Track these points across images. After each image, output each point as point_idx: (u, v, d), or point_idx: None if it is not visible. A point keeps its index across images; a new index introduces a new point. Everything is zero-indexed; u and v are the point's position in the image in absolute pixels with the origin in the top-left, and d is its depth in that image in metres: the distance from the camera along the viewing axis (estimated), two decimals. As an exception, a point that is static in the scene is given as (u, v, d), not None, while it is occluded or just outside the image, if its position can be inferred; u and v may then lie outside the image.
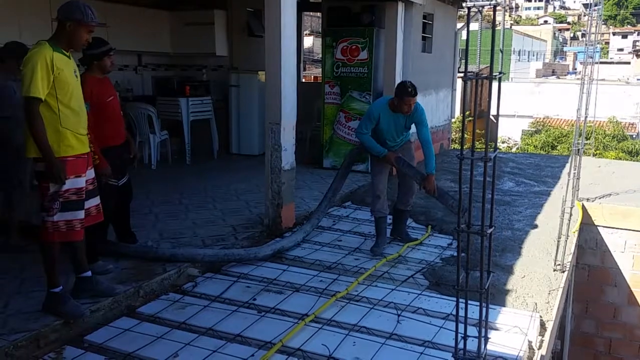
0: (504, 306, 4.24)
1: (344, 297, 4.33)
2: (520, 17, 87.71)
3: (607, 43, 70.24)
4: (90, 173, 3.86)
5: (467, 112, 18.17)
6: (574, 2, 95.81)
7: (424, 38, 10.06)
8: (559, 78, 38.18)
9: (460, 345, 2.78)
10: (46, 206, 3.60)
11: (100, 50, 4.43)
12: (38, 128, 3.45)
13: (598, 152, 18.04)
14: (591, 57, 5.36)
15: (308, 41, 25.50)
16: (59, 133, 3.55)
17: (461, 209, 4.62)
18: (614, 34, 74.12)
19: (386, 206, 5.45)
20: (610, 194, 7.41)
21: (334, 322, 3.93)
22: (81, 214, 3.72)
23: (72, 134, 3.62)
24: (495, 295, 4.34)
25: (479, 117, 20.19)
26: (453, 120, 12.96)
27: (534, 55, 49.89)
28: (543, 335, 3.96)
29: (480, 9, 2.49)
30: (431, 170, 5.14)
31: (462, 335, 2.77)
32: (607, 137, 20.98)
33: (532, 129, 25.07)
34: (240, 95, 9.61)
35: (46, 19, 6.15)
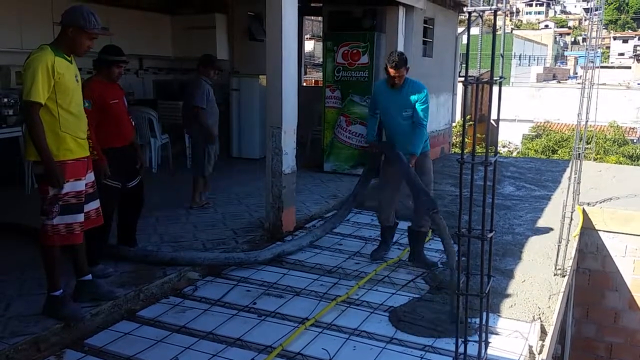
0: (505, 310, 4.23)
1: (345, 301, 4.32)
2: (521, 21, 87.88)
3: (608, 47, 70.35)
4: (90, 176, 3.86)
5: (468, 117, 18.17)
6: (575, 6, 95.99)
7: (424, 42, 10.08)
8: (559, 82, 38.22)
9: (461, 350, 2.78)
10: (46, 209, 3.60)
11: (111, 58, 4.50)
12: (37, 132, 3.45)
13: (599, 156, 18.04)
14: (592, 62, 5.37)
15: (309, 45, 25.55)
16: (58, 137, 3.56)
17: (428, 209, 4.61)
18: (614, 38, 74.22)
19: (392, 218, 5.28)
20: (610, 199, 7.40)
21: (334, 326, 3.93)
22: (81, 217, 3.72)
23: (71, 138, 3.62)
24: (496, 300, 4.33)
25: (480, 121, 20.20)
26: (454, 124, 12.98)
27: (534, 60, 49.97)
28: (543, 340, 3.95)
29: (481, 13, 2.49)
30: (413, 151, 4.88)
31: (463, 340, 2.77)
32: (607, 142, 20.98)
33: (533, 134, 25.09)
34: (241, 99, 9.62)
35: (48, 22, 6.16)
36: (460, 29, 12.25)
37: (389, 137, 5.20)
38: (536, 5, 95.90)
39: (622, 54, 66.00)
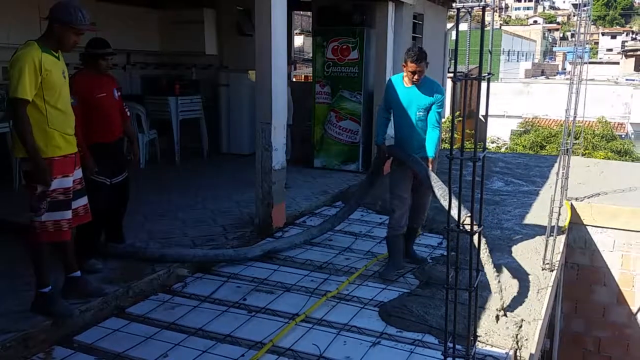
0: (493, 305, 4.25)
1: (335, 296, 4.34)
2: (510, 17, 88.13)
3: (597, 43, 70.69)
4: (78, 173, 3.84)
5: (457, 112, 18.23)
6: (564, 2, 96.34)
7: (414, 38, 10.08)
8: (548, 78, 38.37)
9: (450, 344, 2.79)
10: (34, 206, 3.58)
11: (99, 51, 4.48)
12: (25, 129, 3.43)
13: (587, 151, 18.13)
14: (580, 57, 5.40)
15: (298, 40, 25.49)
16: (46, 133, 3.54)
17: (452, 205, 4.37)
18: (603, 34, 74.61)
19: (403, 222, 4.80)
20: (599, 194, 7.46)
21: (325, 321, 3.94)
22: (68, 214, 3.70)
23: (59, 134, 3.60)
24: (484, 294, 4.35)
25: (469, 117, 20.26)
26: (443, 120, 12.99)
27: (523, 56, 50.14)
28: (532, 334, 3.98)
29: (470, 9, 2.50)
30: (430, 155, 4.69)
31: (452, 334, 2.78)
32: (596, 137, 21.07)
33: (521, 129, 25.16)
34: (230, 94, 9.58)
35: (35, 18, 6.10)
36: (449, 25, 12.28)
37: (399, 138, 4.86)
38: (525, 0, 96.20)
39: (610, 50, 66.30)
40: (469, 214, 4.02)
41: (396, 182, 4.82)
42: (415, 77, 4.63)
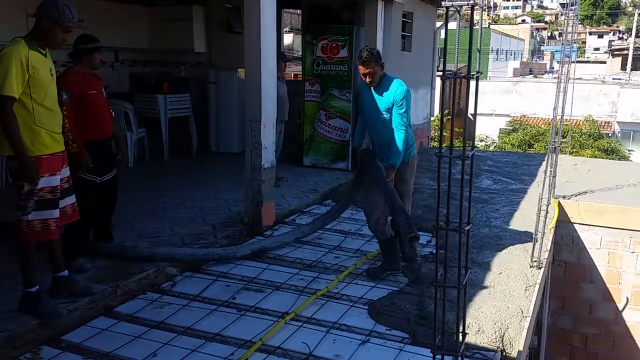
0: (482, 302, 4.27)
1: (324, 295, 4.34)
2: (499, 16, 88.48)
3: (584, 42, 71.27)
4: (66, 171, 3.81)
5: (446, 111, 18.30)
6: (552, 1, 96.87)
7: (403, 37, 10.10)
8: (536, 77, 38.60)
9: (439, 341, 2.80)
10: (21, 205, 3.55)
11: (92, 46, 4.47)
12: (11, 127, 3.40)
13: (574, 150, 18.25)
14: (568, 56, 5.43)
15: (288, 38, 25.42)
16: (33, 131, 3.51)
17: (404, 232, 4.35)
18: (590, 33, 75.24)
19: (382, 227, 4.74)
20: (586, 192, 7.51)
21: (314, 320, 3.94)
22: (56, 213, 3.67)
23: (46, 132, 3.58)
24: (473, 291, 4.38)
25: (457, 115, 20.33)
26: (432, 118, 13.05)
27: (511, 54, 50.37)
28: (520, 332, 4.00)
29: (459, 8, 2.50)
30: (392, 162, 4.51)
31: (441, 331, 2.79)
32: (583, 136, 21.21)
33: (510, 128, 25.27)
34: (219, 92, 9.55)
35: (21, 14, 6.05)
36: (438, 24, 12.31)
37: (372, 141, 4.82)
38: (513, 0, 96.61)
39: (597, 49, 66.79)
40: (416, 234, 4.19)
41: (368, 187, 4.78)
42: (367, 79, 4.51)
